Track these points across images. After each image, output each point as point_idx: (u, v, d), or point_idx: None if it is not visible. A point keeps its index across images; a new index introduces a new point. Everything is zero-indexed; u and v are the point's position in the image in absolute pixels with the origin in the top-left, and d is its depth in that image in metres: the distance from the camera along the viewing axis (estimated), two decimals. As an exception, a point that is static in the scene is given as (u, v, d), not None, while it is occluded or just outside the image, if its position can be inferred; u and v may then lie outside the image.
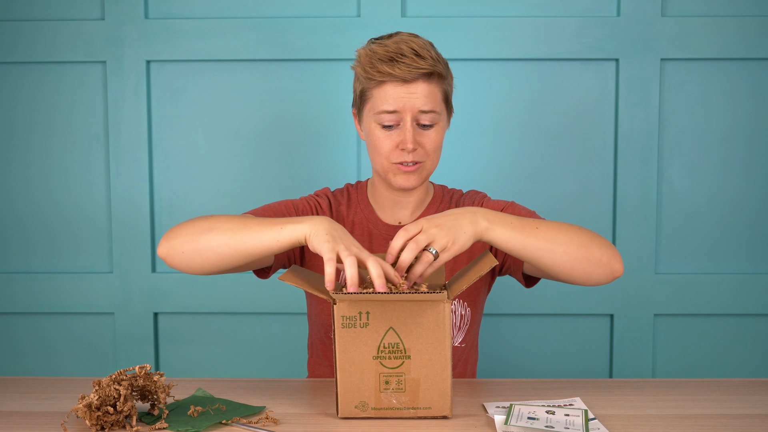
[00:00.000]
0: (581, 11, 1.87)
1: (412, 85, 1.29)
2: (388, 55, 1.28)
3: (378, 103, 1.31)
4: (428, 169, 1.36)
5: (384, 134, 1.33)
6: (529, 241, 1.18)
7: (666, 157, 1.90)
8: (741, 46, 1.85)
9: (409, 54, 1.28)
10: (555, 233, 1.20)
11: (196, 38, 1.88)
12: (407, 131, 1.30)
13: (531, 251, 1.19)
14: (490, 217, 1.18)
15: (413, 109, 1.30)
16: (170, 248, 1.22)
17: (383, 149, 1.33)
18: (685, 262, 1.93)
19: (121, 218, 1.93)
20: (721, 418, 1.12)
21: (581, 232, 1.22)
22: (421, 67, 1.28)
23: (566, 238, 1.20)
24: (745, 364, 1.94)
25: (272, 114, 1.92)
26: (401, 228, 1.16)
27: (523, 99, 1.90)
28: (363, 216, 1.44)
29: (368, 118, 1.34)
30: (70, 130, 1.93)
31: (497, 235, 1.17)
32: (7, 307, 1.95)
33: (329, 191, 1.48)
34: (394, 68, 1.27)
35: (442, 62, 1.33)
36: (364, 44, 1.35)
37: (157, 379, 1.10)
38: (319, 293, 1.10)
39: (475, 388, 1.27)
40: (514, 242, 1.18)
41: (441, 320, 1.07)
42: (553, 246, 1.19)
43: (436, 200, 1.46)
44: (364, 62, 1.31)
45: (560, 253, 1.19)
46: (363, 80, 1.33)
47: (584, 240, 1.21)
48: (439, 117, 1.33)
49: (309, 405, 1.17)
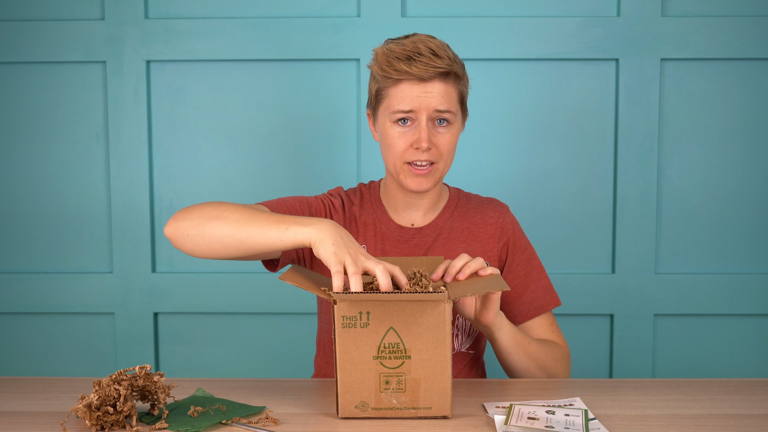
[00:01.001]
0: (581, 11, 1.87)
1: (428, 84, 1.29)
2: (405, 54, 1.28)
3: (394, 102, 1.31)
4: (441, 171, 1.35)
5: (398, 133, 1.32)
6: (519, 348, 1.34)
7: (666, 157, 1.90)
8: (741, 46, 1.85)
9: (426, 53, 1.28)
10: (537, 355, 1.36)
11: (196, 38, 1.88)
12: (422, 130, 1.30)
13: (515, 355, 1.34)
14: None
15: (429, 108, 1.29)
16: (177, 229, 1.21)
17: (397, 148, 1.32)
18: (685, 262, 1.93)
19: (121, 218, 1.93)
20: (721, 418, 1.12)
21: (554, 364, 1.39)
22: (438, 66, 1.28)
23: (541, 363, 1.36)
24: (745, 364, 1.94)
25: (272, 114, 1.92)
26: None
27: (523, 99, 1.90)
28: (375, 217, 1.43)
29: (383, 117, 1.34)
30: (70, 130, 1.93)
31: (505, 325, 1.31)
32: (7, 307, 1.95)
33: (342, 191, 1.47)
34: (411, 66, 1.27)
35: (459, 63, 1.32)
36: (381, 44, 1.35)
37: (157, 379, 1.10)
38: (319, 293, 1.10)
39: (475, 388, 1.27)
40: (509, 338, 1.32)
41: (441, 320, 1.07)
42: (528, 363, 1.35)
43: (452, 203, 1.45)
44: (381, 60, 1.31)
45: (529, 370, 1.36)
46: (379, 79, 1.32)
47: (552, 371, 1.39)
48: (455, 117, 1.33)
49: (309, 405, 1.17)
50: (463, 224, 1.43)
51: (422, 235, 1.42)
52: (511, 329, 1.31)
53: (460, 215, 1.44)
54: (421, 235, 1.42)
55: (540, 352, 1.36)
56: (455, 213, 1.44)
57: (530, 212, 1.91)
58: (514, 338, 1.32)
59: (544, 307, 1.44)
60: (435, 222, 1.43)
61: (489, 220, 1.44)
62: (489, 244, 1.42)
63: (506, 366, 1.37)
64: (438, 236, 1.42)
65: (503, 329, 1.29)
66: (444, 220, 1.43)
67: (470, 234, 1.42)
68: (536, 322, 1.44)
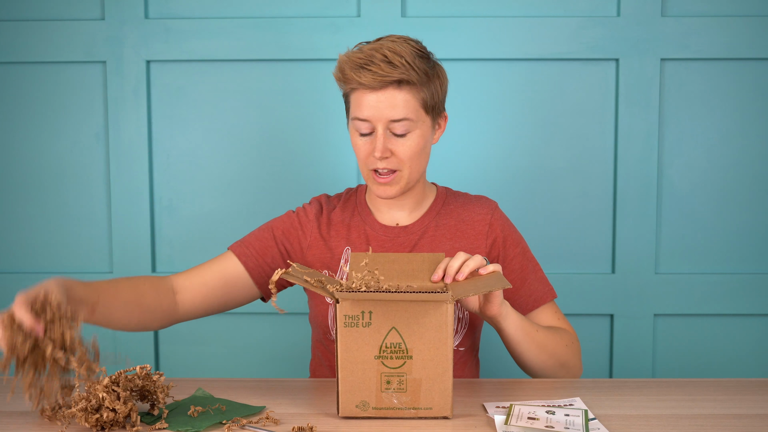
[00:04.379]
0: (581, 11, 1.88)
1: (381, 93, 1.28)
2: (358, 62, 1.28)
3: (353, 109, 1.33)
4: (406, 178, 1.35)
5: (361, 141, 1.34)
6: (528, 338, 1.33)
7: (666, 157, 1.91)
8: (741, 46, 1.85)
9: (379, 61, 1.27)
10: (546, 342, 1.35)
11: (196, 38, 1.88)
12: (377, 139, 1.30)
13: (524, 344, 1.33)
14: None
15: (383, 118, 1.29)
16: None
17: (361, 156, 1.35)
18: (685, 262, 1.93)
19: (121, 218, 1.93)
20: (721, 418, 1.12)
21: (565, 350, 1.38)
22: (388, 75, 1.27)
23: (552, 350, 1.36)
24: (745, 364, 1.94)
25: (272, 114, 1.92)
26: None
27: (523, 99, 1.90)
28: (360, 218, 1.44)
29: (350, 123, 1.36)
30: (70, 130, 1.93)
31: (510, 314, 1.30)
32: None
33: (325, 197, 1.49)
34: (360, 76, 1.27)
35: (419, 69, 1.29)
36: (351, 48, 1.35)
37: (157, 379, 1.10)
38: (321, 291, 1.10)
39: (475, 388, 1.27)
40: (516, 327, 1.31)
41: (444, 321, 1.07)
42: (539, 352, 1.34)
43: (439, 202, 1.45)
44: (337, 68, 1.32)
45: (540, 359, 1.35)
46: (340, 85, 1.34)
47: (563, 357, 1.38)
48: (414, 125, 1.31)
49: (309, 405, 1.17)
50: (449, 222, 1.43)
51: (407, 234, 1.42)
52: (518, 318, 1.31)
53: (447, 213, 1.44)
54: (406, 234, 1.42)
55: (549, 339, 1.36)
56: (442, 211, 1.44)
57: (530, 212, 1.91)
58: (522, 327, 1.31)
59: (543, 299, 1.43)
60: (420, 220, 1.43)
61: (476, 217, 1.44)
62: (477, 241, 1.42)
63: (518, 358, 1.36)
64: (423, 234, 1.42)
65: (509, 318, 1.29)
66: (430, 219, 1.43)
67: (457, 231, 1.42)
68: (540, 312, 1.44)
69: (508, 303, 1.29)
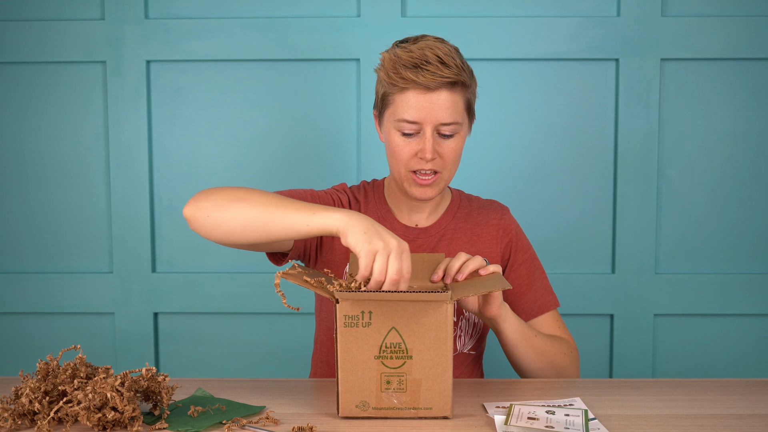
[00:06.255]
0: (581, 11, 1.88)
1: (434, 94, 1.26)
2: (412, 62, 1.25)
3: (399, 110, 1.29)
4: (446, 180, 1.34)
5: (403, 141, 1.30)
6: (525, 342, 1.34)
7: (666, 157, 1.91)
8: (741, 46, 1.85)
9: (434, 61, 1.24)
10: (543, 348, 1.36)
11: (196, 38, 1.88)
12: (427, 140, 1.28)
13: (521, 347, 1.34)
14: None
15: (434, 120, 1.27)
16: (197, 210, 1.18)
17: (402, 156, 1.31)
18: (685, 262, 1.93)
19: (121, 218, 1.93)
20: (721, 418, 1.12)
21: (562, 358, 1.39)
22: (445, 76, 1.25)
23: (549, 357, 1.37)
24: (745, 364, 1.94)
25: (272, 114, 1.92)
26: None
27: (523, 99, 1.90)
28: (379, 216, 1.42)
29: (389, 123, 1.32)
30: (70, 130, 1.93)
31: (509, 317, 1.31)
32: (7, 307, 1.95)
33: (347, 187, 1.46)
34: (417, 75, 1.24)
35: (467, 70, 1.29)
36: (389, 47, 1.33)
37: (162, 380, 1.10)
38: (321, 291, 1.10)
39: (475, 388, 1.27)
40: (514, 330, 1.32)
41: (444, 321, 1.07)
42: (535, 357, 1.35)
43: (455, 205, 1.45)
44: (387, 67, 1.28)
45: (536, 364, 1.36)
46: (386, 85, 1.30)
47: (560, 365, 1.38)
48: (461, 127, 1.31)
49: (309, 405, 1.17)
50: (466, 226, 1.43)
51: (427, 236, 1.42)
52: (517, 321, 1.31)
53: (463, 217, 1.44)
54: (426, 236, 1.42)
55: (546, 346, 1.36)
56: (458, 214, 1.44)
57: (530, 212, 1.91)
58: (520, 330, 1.32)
59: (547, 306, 1.44)
60: (439, 223, 1.43)
61: (491, 222, 1.44)
62: (492, 245, 1.43)
63: (514, 361, 1.37)
64: (442, 237, 1.42)
65: (508, 321, 1.29)
66: (447, 222, 1.43)
67: (473, 235, 1.43)
68: (542, 319, 1.44)
69: (507, 305, 1.29)
